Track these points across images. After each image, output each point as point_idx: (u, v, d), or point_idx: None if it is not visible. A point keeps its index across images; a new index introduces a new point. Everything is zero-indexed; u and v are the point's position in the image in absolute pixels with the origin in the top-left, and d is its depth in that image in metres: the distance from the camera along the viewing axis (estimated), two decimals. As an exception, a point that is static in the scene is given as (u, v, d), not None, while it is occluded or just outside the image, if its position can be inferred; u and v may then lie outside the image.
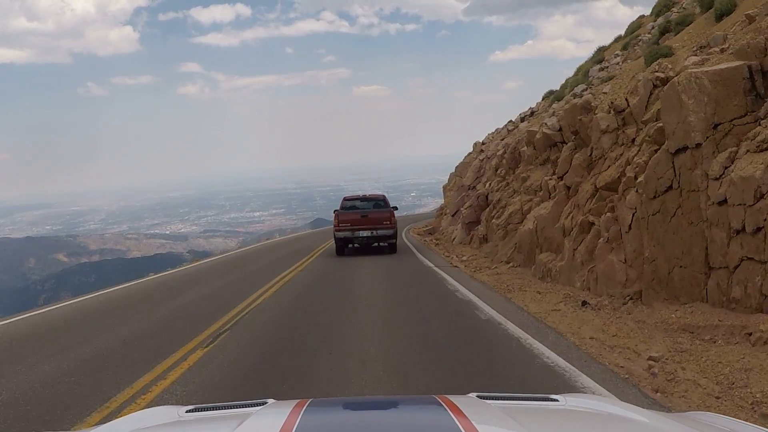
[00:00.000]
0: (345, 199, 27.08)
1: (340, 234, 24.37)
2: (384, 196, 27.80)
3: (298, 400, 2.27)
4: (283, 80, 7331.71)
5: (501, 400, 2.40)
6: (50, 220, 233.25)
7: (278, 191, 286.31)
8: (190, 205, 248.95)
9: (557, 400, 2.44)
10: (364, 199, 27.42)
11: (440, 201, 48.45)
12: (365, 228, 24.04)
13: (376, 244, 24.62)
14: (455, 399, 2.23)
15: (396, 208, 26.11)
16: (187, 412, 2.44)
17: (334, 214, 24.91)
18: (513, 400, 2.52)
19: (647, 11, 23.42)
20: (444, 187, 47.86)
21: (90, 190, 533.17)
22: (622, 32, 24.74)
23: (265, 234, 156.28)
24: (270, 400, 2.50)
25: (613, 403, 2.51)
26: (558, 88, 28.76)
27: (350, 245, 24.80)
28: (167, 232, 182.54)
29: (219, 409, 2.51)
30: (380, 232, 24.15)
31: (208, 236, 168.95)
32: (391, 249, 24.60)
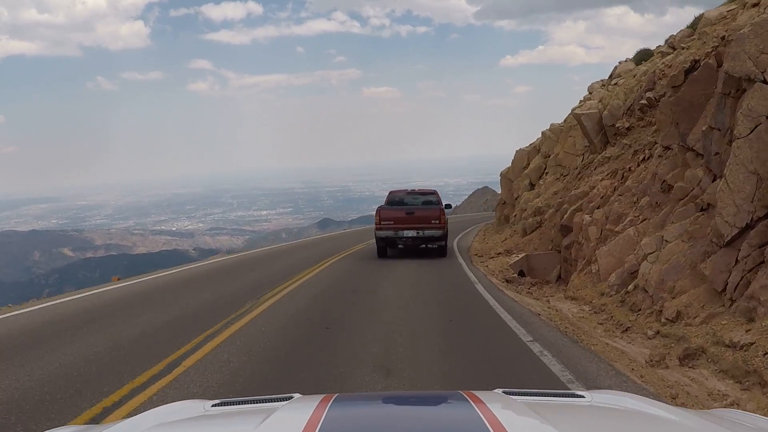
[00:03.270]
0: (391, 193, 24.20)
1: (382, 233, 21.45)
2: (435, 191, 24.57)
3: (324, 395, 2.23)
4: (294, 79, 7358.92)
5: (527, 396, 2.34)
6: (56, 213, 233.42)
7: (286, 190, 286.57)
8: (198, 202, 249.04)
9: (583, 397, 2.42)
10: (411, 193, 24.29)
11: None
12: (411, 227, 21.12)
13: (423, 245, 21.82)
14: (481, 394, 2.19)
15: (449, 206, 23.55)
16: (212, 406, 2.38)
17: (376, 211, 22.01)
18: (539, 396, 2.42)
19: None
20: (504, 176, 37.77)
21: (97, 184, 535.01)
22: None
23: (272, 233, 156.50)
24: (296, 395, 2.44)
25: (639, 399, 2.34)
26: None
27: (397, 246, 22.04)
28: (173, 229, 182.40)
29: (245, 404, 2.44)
30: (428, 233, 21.19)
31: (215, 234, 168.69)
32: (440, 253, 21.82)
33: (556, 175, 27.51)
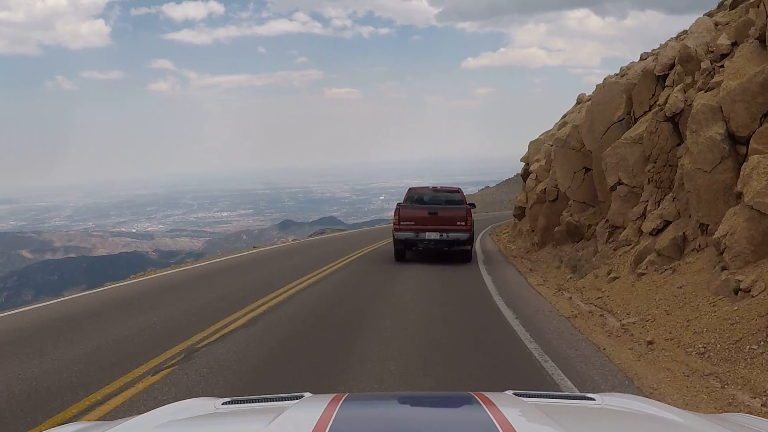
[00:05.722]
0: (410, 190, 21.80)
1: (401, 235, 19.46)
2: (459, 189, 22.34)
3: (334, 395, 2.28)
4: (255, 80, 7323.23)
5: (537, 398, 2.39)
6: (15, 215, 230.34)
7: (247, 192, 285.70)
8: (158, 203, 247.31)
9: (594, 399, 2.44)
10: (433, 191, 21.77)
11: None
12: (433, 229, 19.11)
13: (446, 249, 19.59)
14: (492, 396, 2.22)
15: (473, 206, 21.09)
16: (223, 404, 2.42)
17: (395, 209, 20.01)
18: (550, 398, 2.50)
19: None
20: (563, 145, 20.90)
21: (57, 185, 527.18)
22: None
23: (232, 235, 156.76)
24: (306, 394, 2.48)
25: (650, 403, 2.43)
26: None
27: (414, 248, 19.97)
28: (133, 231, 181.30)
29: (255, 402, 2.48)
30: (452, 236, 19.14)
31: (175, 235, 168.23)
32: (465, 258, 19.98)
33: None
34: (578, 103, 27.63)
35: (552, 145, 24.01)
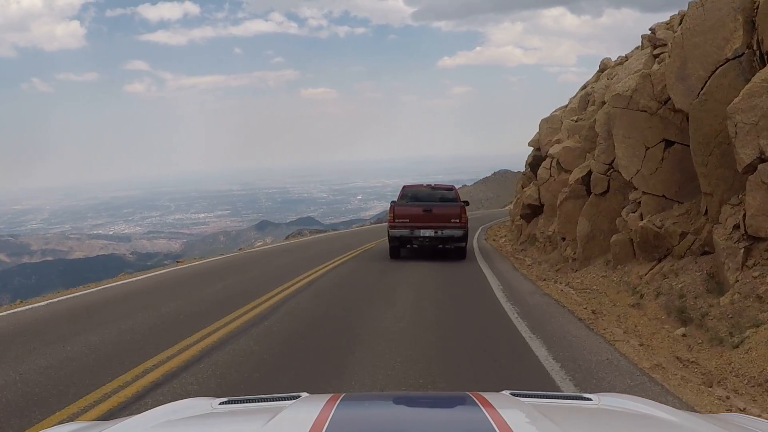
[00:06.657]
0: (404, 188, 21.80)
1: (396, 232, 19.64)
2: (453, 186, 22.41)
3: (331, 395, 2.26)
4: (231, 80, 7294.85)
5: (534, 398, 2.37)
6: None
7: (224, 193, 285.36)
8: (135, 205, 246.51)
9: (591, 400, 2.42)
10: (428, 189, 21.84)
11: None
12: (428, 226, 19.27)
13: (441, 246, 19.67)
14: (489, 396, 2.23)
15: (467, 203, 20.95)
16: (220, 404, 2.39)
17: (390, 207, 20.18)
18: (546, 398, 2.49)
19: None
20: (625, 106, 13.68)
21: (33, 188, 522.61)
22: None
23: (209, 236, 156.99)
24: (303, 394, 2.46)
25: (647, 403, 2.39)
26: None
27: (409, 245, 20.10)
28: (110, 233, 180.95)
29: (252, 402, 2.47)
30: (447, 233, 19.29)
31: (152, 237, 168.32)
32: (459, 255, 20.03)
33: None
34: (601, 70, 24.07)
35: (577, 122, 20.99)
